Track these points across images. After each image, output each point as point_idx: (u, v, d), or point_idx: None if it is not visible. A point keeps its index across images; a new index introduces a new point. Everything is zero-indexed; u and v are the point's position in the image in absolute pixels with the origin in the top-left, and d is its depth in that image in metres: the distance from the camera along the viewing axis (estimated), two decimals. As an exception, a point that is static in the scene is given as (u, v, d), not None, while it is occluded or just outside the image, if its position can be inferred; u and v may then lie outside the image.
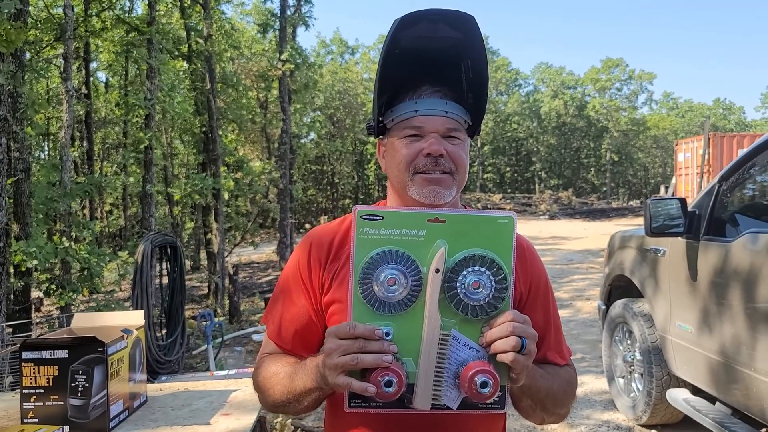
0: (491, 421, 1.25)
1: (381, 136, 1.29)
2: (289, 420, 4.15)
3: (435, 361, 0.98)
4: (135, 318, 2.13)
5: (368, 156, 42.19)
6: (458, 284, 0.98)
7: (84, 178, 9.84)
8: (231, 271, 9.62)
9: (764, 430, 3.13)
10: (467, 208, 1.39)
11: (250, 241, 14.00)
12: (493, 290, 0.99)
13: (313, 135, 28.58)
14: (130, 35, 9.62)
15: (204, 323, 5.22)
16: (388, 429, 1.17)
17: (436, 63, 1.22)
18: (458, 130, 1.22)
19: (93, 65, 15.56)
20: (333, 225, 1.37)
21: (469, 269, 0.98)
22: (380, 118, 1.27)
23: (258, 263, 16.88)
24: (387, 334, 0.97)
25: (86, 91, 13.35)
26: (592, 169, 55.34)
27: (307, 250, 1.31)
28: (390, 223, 0.99)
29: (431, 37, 1.18)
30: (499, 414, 1.25)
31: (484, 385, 0.96)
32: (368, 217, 0.98)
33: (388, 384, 0.95)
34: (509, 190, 48.94)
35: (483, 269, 0.98)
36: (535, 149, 53.70)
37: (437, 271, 0.97)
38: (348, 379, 0.97)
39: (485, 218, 1.00)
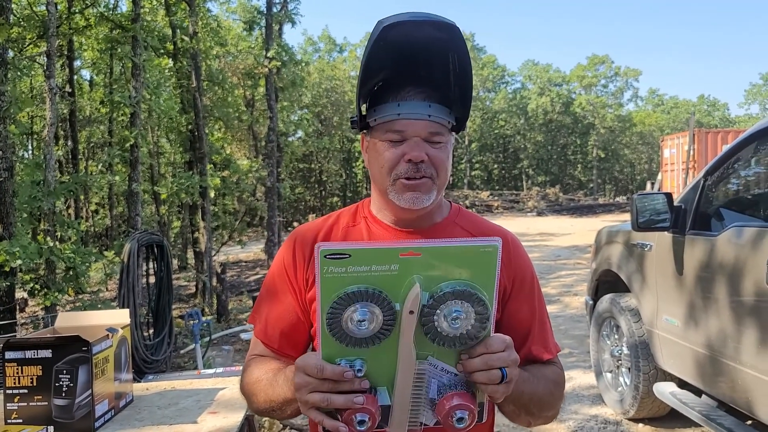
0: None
1: (365, 131, 1.29)
2: (279, 420, 4.13)
3: (410, 396, 0.96)
4: (120, 317, 2.11)
5: (356, 154, 42.12)
6: (435, 319, 0.92)
7: (69, 177, 9.76)
8: (218, 270, 9.58)
9: (750, 421, 3.16)
10: (462, 207, 1.39)
11: (238, 239, 13.95)
12: (473, 321, 0.92)
13: (300, 133, 28.49)
14: (114, 32, 9.53)
15: (192, 322, 5.19)
16: None
17: (421, 64, 1.21)
18: (440, 134, 1.21)
19: (77, 63, 15.43)
20: (318, 222, 1.38)
21: (448, 303, 0.91)
22: (364, 114, 1.27)
23: (246, 262, 16.82)
24: (359, 370, 0.92)
25: (70, 90, 13.23)
26: (578, 165, 55.62)
27: (291, 247, 1.32)
28: (358, 260, 0.89)
29: (416, 36, 1.17)
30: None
31: (460, 420, 0.94)
32: (333, 257, 0.89)
33: (361, 423, 0.93)
34: (497, 187, 49.06)
35: (463, 303, 0.91)
36: (523, 146, 53.90)
37: (411, 312, 0.90)
38: (321, 416, 0.95)
39: (466, 248, 0.92)
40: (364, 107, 1.27)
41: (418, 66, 1.21)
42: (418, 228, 1.29)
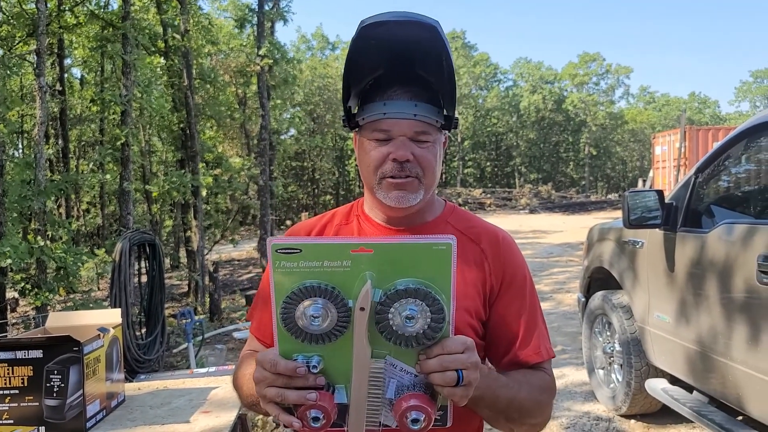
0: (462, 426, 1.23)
1: (356, 129, 1.29)
2: (270, 417, 4.13)
3: (366, 394, 0.94)
4: (111, 316, 2.10)
5: (348, 152, 42.09)
6: (390, 317, 0.90)
7: (59, 176, 9.70)
8: (211, 269, 9.56)
9: (740, 417, 3.18)
10: (457, 206, 1.39)
11: (230, 238, 13.91)
12: (429, 321, 0.90)
13: (293, 131, 28.45)
14: (105, 31, 9.47)
15: (184, 321, 5.17)
16: None
17: (406, 63, 1.21)
18: (427, 133, 1.21)
19: (67, 61, 15.33)
20: (313, 220, 1.40)
21: (402, 301, 0.89)
22: (354, 112, 1.27)
23: (238, 260, 16.77)
24: (315, 367, 0.92)
25: (60, 88, 13.15)
26: (571, 163, 55.76)
27: None
28: (309, 255, 0.89)
29: (399, 35, 1.17)
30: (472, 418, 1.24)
31: (415, 422, 0.92)
32: (284, 251, 0.89)
33: (315, 419, 0.92)
34: (489, 185, 49.15)
35: (417, 301, 0.89)
36: (515, 144, 53.99)
37: (362, 309, 0.89)
38: (277, 410, 0.95)
39: (419, 246, 0.90)
40: (354, 106, 1.27)
41: (404, 65, 1.21)
42: (409, 226, 1.30)
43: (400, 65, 1.21)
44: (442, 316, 0.91)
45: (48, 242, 6.49)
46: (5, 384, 1.74)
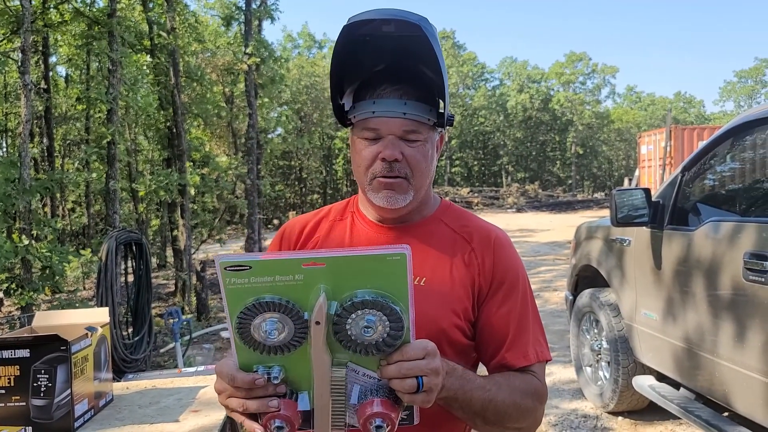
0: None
1: (350, 126, 1.29)
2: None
3: (330, 402, 0.94)
4: (99, 315, 2.08)
5: (336, 151, 42.03)
6: (348, 328, 0.90)
7: (44, 175, 9.60)
8: (198, 268, 9.51)
9: (726, 413, 3.21)
10: (452, 204, 1.39)
11: (218, 237, 13.83)
12: (388, 329, 0.90)
13: (280, 130, 28.35)
14: (92, 30, 9.38)
15: (172, 321, 5.15)
16: None
17: (395, 61, 1.20)
18: (417, 132, 1.20)
19: (52, 59, 15.17)
20: (309, 215, 1.40)
21: (358, 312, 0.89)
22: (346, 111, 1.27)
23: (226, 260, 16.68)
24: (275, 378, 0.92)
25: (45, 86, 13.01)
26: (557, 162, 56.04)
27: (279, 240, 1.36)
28: (259, 271, 0.88)
29: (388, 35, 1.16)
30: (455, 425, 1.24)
31: (378, 429, 0.92)
32: (233, 268, 0.88)
33: (279, 429, 0.92)
34: (477, 184, 49.27)
35: (373, 311, 0.89)
36: (502, 143, 54.15)
37: (317, 323, 0.89)
38: (241, 417, 0.95)
39: (371, 257, 0.89)
40: (346, 104, 1.27)
41: (392, 63, 1.20)
42: (401, 224, 1.29)
43: (389, 63, 1.20)
44: (400, 325, 0.90)
45: (33, 241, 6.42)
46: (-9, 384, 1.72)
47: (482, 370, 1.29)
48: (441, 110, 1.24)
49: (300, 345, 0.91)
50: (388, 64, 1.21)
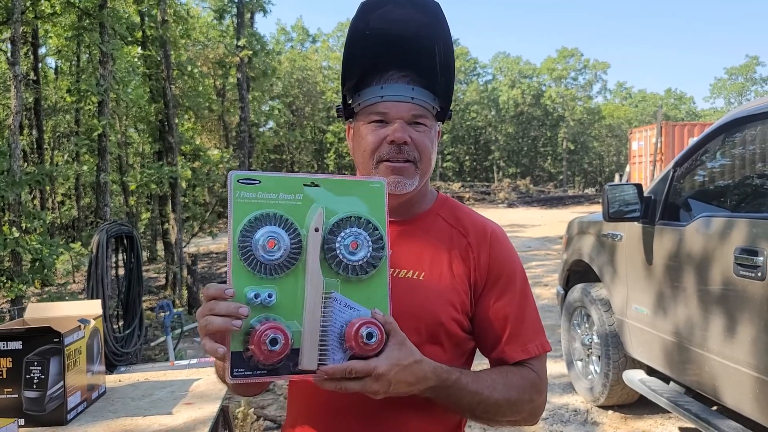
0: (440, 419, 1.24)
1: (350, 119, 1.28)
2: (252, 409, 4.12)
3: (320, 320, 0.98)
4: (92, 308, 2.08)
5: (327, 145, 41.97)
6: (337, 245, 1.00)
7: (34, 168, 9.53)
8: (189, 262, 9.47)
9: (715, 407, 3.24)
10: (449, 198, 1.39)
11: (209, 231, 13.78)
12: (370, 250, 1.01)
13: (271, 123, 28.26)
14: (83, 21, 9.30)
15: (163, 314, 5.12)
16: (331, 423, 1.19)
17: (404, 47, 1.20)
18: (424, 117, 1.21)
19: (42, 50, 15.04)
20: None
21: (347, 230, 1.00)
22: (349, 101, 1.26)
23: (216, 253, 16.64)
24: (269, 296, 0.96)
25: (35, 78, 12.90)
26: (549, 157, 56.19)
27: None
28: (267, 187, 0.99)
29: (399, 20, 1.17)
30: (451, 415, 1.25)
31: (369, 336, 0.97)
32: (245, 181, 0.98)
33: (274, 342, 0.93)
34: (468, 179, 49.32)
35: (360, 230, 1.01)
36: (494, 138, 54.22)
37: (317, 230, 0.99)
38: (210, 344, 0.94)
39: (357, 182, 1.04)
40: (350, 95, 1.26)
41: (402, 49, 1.20)
42: (401, 218, 1.29)
43: (398, 48, 1.20)
44: (381, 245, 1.02)
45: (23, 234, 6.38)
46: (-17, 376, 1.71)
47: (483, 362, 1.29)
48: (444, 106, 1.25)
49: (292, 266, 0.98)
50: (395, 49, 1.21)
